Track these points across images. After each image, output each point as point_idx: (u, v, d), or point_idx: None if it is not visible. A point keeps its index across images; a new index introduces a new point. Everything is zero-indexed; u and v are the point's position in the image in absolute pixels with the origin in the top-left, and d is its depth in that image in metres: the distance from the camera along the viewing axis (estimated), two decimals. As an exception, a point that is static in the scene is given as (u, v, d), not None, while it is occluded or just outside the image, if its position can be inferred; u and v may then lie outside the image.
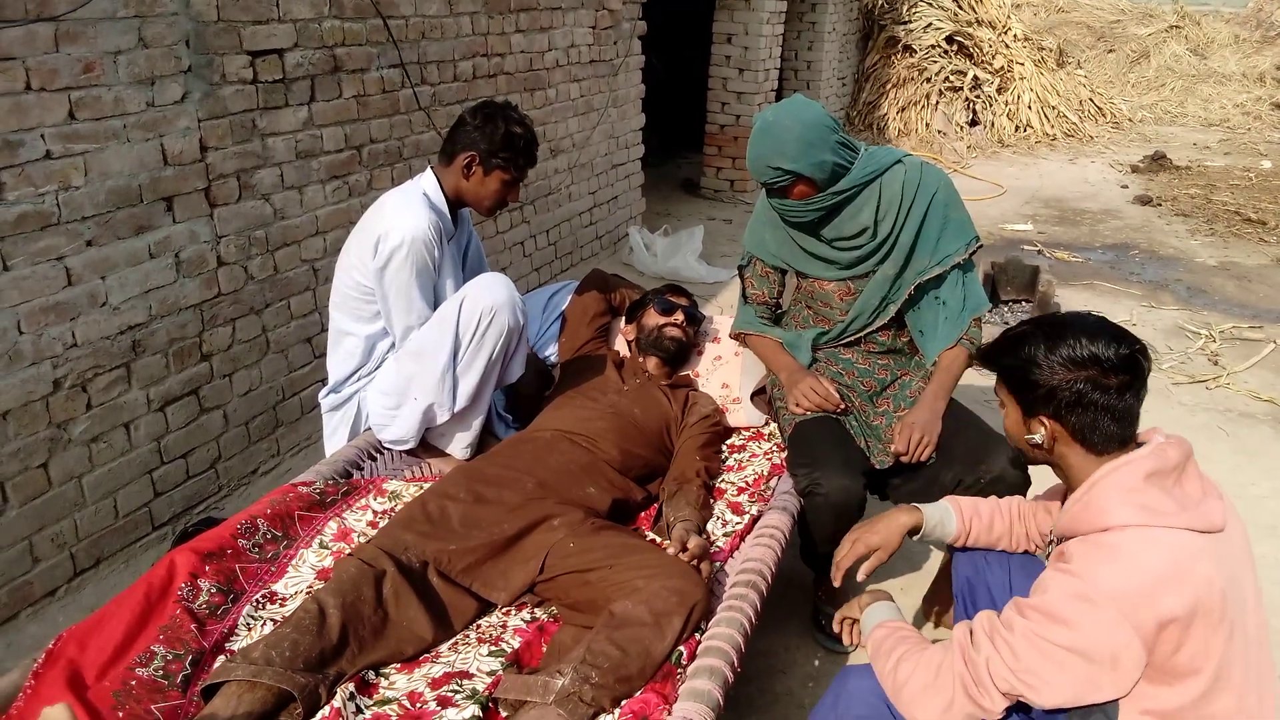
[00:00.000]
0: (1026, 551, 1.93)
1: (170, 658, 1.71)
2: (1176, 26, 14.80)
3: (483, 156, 2.48)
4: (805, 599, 2.68)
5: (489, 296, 2.40)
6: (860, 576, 1.95)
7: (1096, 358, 1.47)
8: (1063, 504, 1.58)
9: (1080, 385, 1.48)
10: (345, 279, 2.54)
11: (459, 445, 2.58)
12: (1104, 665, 1.37)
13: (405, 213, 2.42)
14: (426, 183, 2.54)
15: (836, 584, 1.95)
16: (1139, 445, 1.53)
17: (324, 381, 2.73)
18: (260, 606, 1.91)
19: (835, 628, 1.84)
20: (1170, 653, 1.36)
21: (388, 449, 2.60)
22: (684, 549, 2.03)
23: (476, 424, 2.56)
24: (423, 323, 2.48)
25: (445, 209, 2.55)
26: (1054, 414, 1.52)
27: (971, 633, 1.52)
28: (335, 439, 2.66)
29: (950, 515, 1.94)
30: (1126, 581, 1.36)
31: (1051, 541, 1.74)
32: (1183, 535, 1.39)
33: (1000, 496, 2.28)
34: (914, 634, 1.65)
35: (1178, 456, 1.47)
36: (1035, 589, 1.48)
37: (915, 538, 1.97)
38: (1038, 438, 1.56)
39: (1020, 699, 1.44)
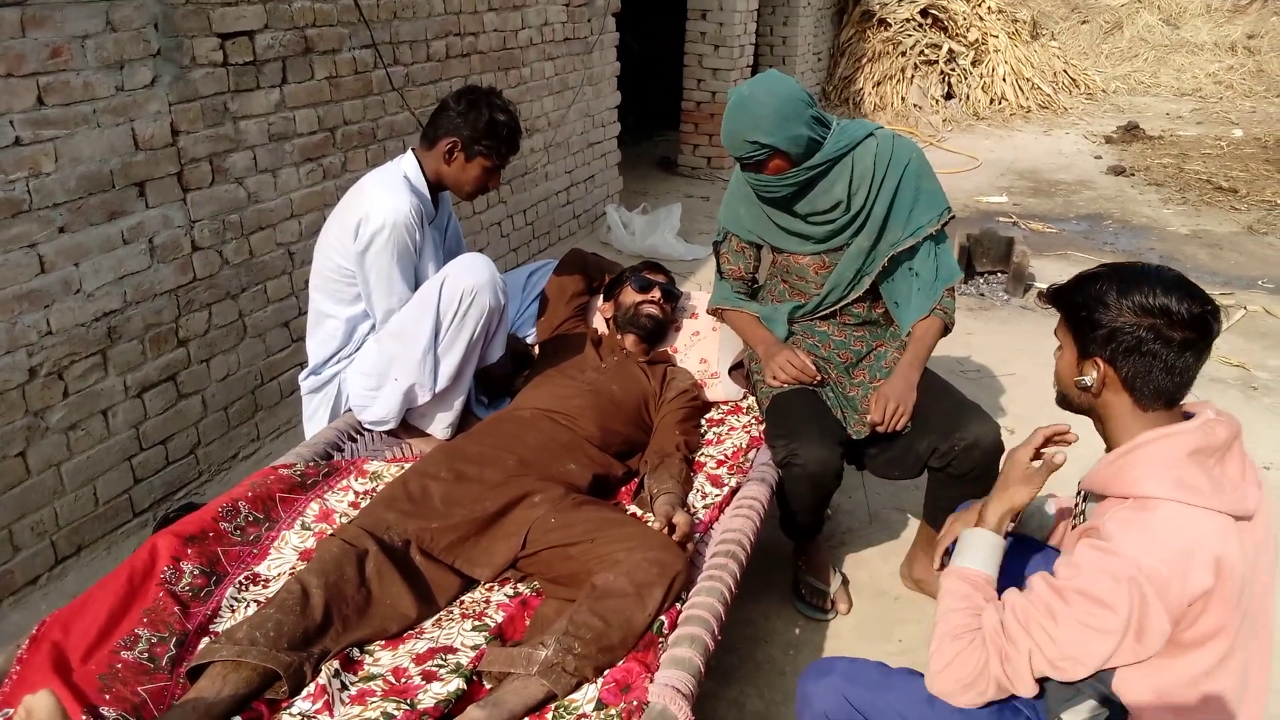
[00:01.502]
0: None
1: (155, 640, 1.73)
2: (1149, -4, 14.84)
3: (465, 143, 2.48)
4: (785, 569, 2.72)
5: (470, 277, 2.40)
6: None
7: (1167, 308, 1.43)
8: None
9: (1143, 332, 1.45)
10: (325, 261, 2.54)
11: (440, 425, 2.59)
12: (1131, 638, 1.37)
13: (386, 195, 2.42)
14: (407, 165, 2.53)
15: (936, 565, 1.88)
16: (1186, 416, 1.50)
17: (303, 365, 2.73)
18: (243, 588, 1.92)
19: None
20: (1187, 627, 1.36)
21: (368, 430, 2.61)
22: (671, 527, 2.05)
23: (458, 404, 2.58)
24: (404, 305, 2.48)
25: (426, 192, 2.55)
26: (1109, 357, 1.49)
27: (1005, 627, 1.48)
28: (315, 421, 2.67)
29: (1049, 505, 1.89)
30: (1161, 561, 1.34)
31: (1080, 498, 1.69)
32: (1214, 517, 1.37)
33: (975, 463, 2.33)
34: (975, 605, 1.56)
35: (1225, 436, 1.44)
36: (1066, 565, 1.45)
37: (1012, 525, 1.82)
38: (1088, 380, 1.52)
39: (1047, 679, 1.45)
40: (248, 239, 3.19)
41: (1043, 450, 1.71)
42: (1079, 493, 1.71)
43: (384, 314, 2.51)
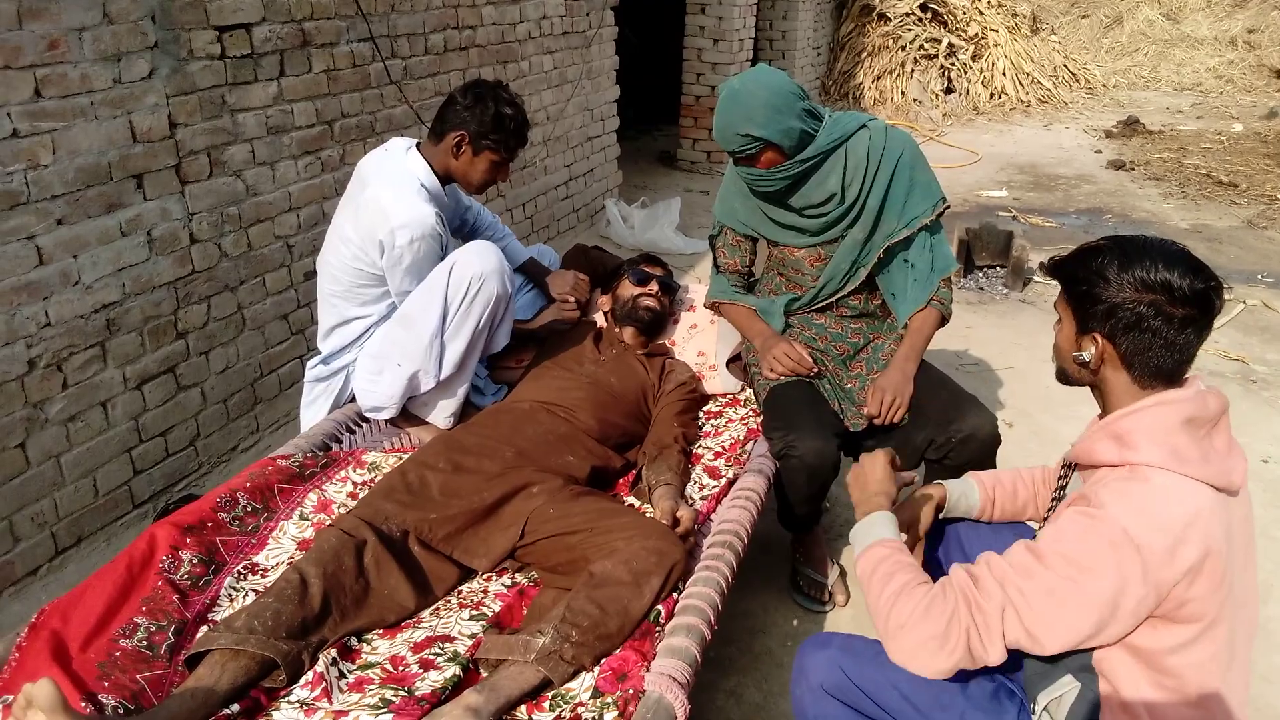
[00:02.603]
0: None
1: (154, 628, 1.73)
2: (1150, -9, 14.82)
3: (472, 137, 2.48)
4: (783, 561, 2.72)
5: (479, 263, 2.41)
6: None
7: (1169, 284, 1.39)
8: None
9: (1143, 308, 1.41)
10: (343, 270, 2.52)
11: (443, 414, 2.59)
12: (1114, 613, 1.35)
13: (406, 206, 2.41)
14: (418, 169, 2.51)
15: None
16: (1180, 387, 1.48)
17: (302, 357, 2.73)
18: (242, 578, 1.93)
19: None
20: (1176, 605, 1.35)
21: (370, 419, 2.61)
22: (675, 521, 2.05)
23: (461, 391, 2.58)
24: None
25: (440, 190, 2.55)
26: (1108, 333, 1.46)
27: (975, 579, 1.44)
28: (314, 408, 2.67)
29: (972, 487, 1.89)
30: (1154, 532, 1.33)
31: (1065, 467, 1.67)
32: (1204, 490, 1.36)
33: (972, 455, 2.34)
34: (913, 563, 1.55)
35: (1217, 407, 1.44)
36: (1050, 535, 1.42)
37: (941, 514, 1.90)
38: (1086, 355, 1.50)
39: (1019, 650, 1.41)
40: (246, 232, 3.19)
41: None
42: (1064, 464, 1.70)
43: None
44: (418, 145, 2.57)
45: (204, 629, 1.76)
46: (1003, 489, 1.91)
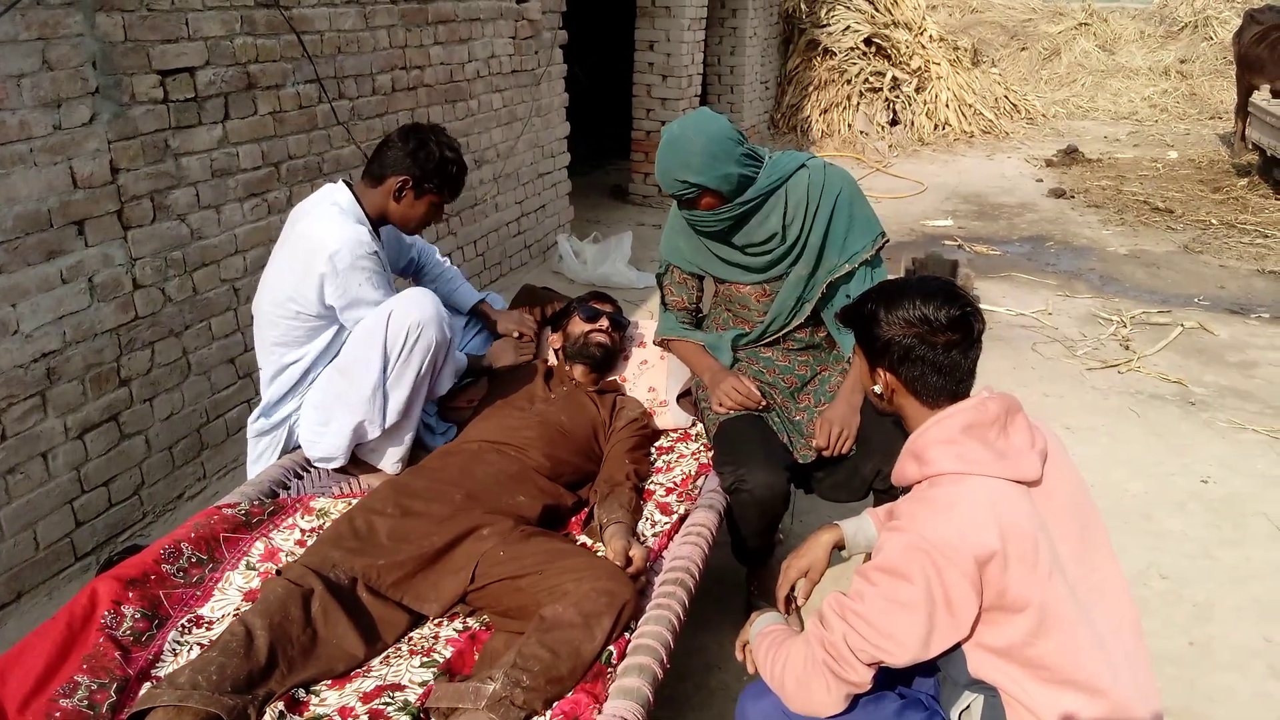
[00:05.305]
0: None
1: (95, 687, 1.69)
2: (1085, 24, 15.28)
3: (416, 181, 2.50)
4: (738, 594, 2.73)
5: (416, 312, 2.40)
6: (800, 601, 1.96)
7: (925, 317, 1.59)
8: None
9: (909, 340, 1.60)
10: (278, 311, 2.50)
11: (390, 460, 2.58)
12: (941, 610, 1.46)
13: (336, 231, 2.41)
14: (340, 198, 2.51)
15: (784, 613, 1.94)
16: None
17: (250, 402, 2.69)
18: (186, 631, 1.90)
19: (739, 656, 1.84)
20: (997, 593, 1.46)
21: (317, 467, 2.58)
22: (628, 561, 2.05)
23: (408, 439, 2.57)
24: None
25: (367, 223, 2.54)
26: (889, 366, 1.64)
27: (822, 617, 1.58)
28: (261, 463, 2.63)
29: (867, 521, 1.98)
30: (945, 527, 1.46)
31: (901, 492, 1.79)
32: (994, 482, 1.50)
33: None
34: (783, 632, 1.71)
35: (997, 410, 1.57)
36: (874, 554, 1.57)
37: (844, 553, 1.97)
38: (877, 388, 1.69)
39: (881, 664, 1.52)
40: (191, 276, 3.16)
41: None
42: (899, 490, 1.81)
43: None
44: (348, 185, 2.56)
45: (147, 686, 1.72)
46: None
